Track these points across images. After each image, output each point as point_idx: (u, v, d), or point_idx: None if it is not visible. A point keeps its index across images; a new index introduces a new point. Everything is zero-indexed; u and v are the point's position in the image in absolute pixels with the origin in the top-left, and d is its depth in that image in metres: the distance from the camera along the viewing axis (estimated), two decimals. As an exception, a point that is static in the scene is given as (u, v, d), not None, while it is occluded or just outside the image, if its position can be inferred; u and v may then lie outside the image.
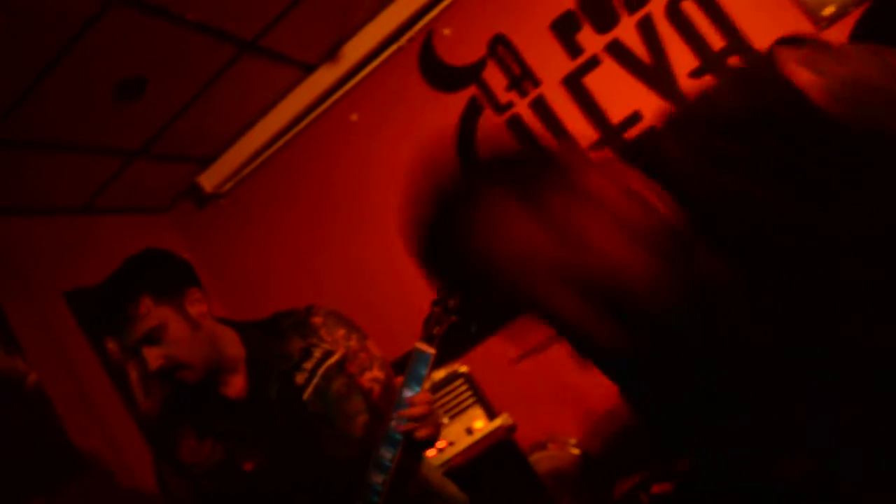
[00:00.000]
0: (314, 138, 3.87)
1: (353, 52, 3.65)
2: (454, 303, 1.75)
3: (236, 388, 1.93)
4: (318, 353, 1.93)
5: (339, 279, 3.78)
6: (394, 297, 3.63)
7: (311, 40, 3.49)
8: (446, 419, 3.05)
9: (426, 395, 1.74)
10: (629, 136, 3.38)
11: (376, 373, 1.97)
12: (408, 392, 1.74)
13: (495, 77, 3.61)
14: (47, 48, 2.47)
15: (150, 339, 1.78)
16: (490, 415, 3.07)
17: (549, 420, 3.36)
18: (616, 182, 0.95)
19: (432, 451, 2.94)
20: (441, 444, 3.01)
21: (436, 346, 1.75)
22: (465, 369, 3.16)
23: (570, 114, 3.48)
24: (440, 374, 3.13)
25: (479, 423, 3.04)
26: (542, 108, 3.53)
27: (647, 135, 1.00)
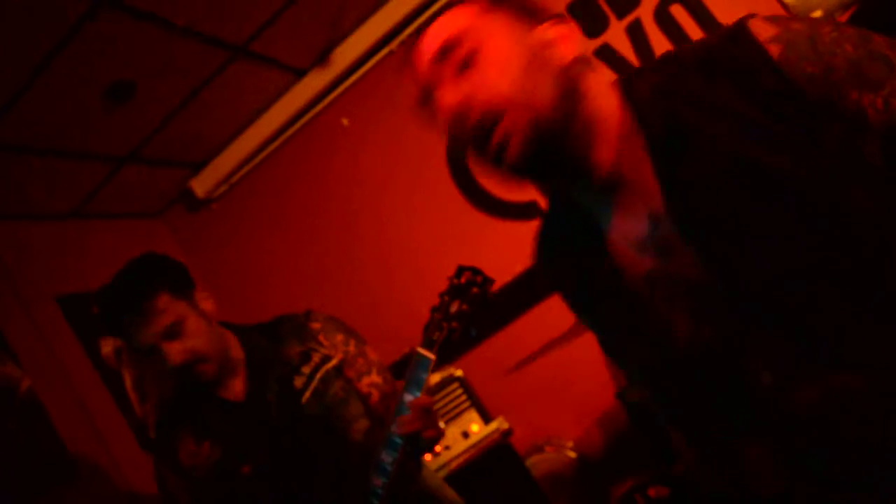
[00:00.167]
0: (306, 142, 3.87)
1: (343, 57, 3.66)
2: (455, 309, 1.76)
3: (235, 390, 1.94)
4: (316, 358, 1.93)
5: (333, 282, 3.79)
6: (387, 300, 3.65)
7: (302, 45, 3.49)
8: (442, 423, 3.06)
9: (427, 398, 1.75)
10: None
11: (374, 377, 1.97)
12: (408, 396, 1.74)
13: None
14: (36, 53, 2.46)
15: (170, 334, 1.79)
16: (485, 419, 3.08)
17: (546, 423, 3.37)
18: None
19: (429, 455, 2.95)
20: (437, 447, 3.01)
21: (436, 352, 1.76)
22: (459, 373, 3.16)
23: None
24: (435, 378, 3.13)
25: (475, 427, 3.05)
26: (533, 112, 3.54)
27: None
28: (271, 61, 3.41)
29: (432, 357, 1.75)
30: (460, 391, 3.13)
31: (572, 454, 3.19)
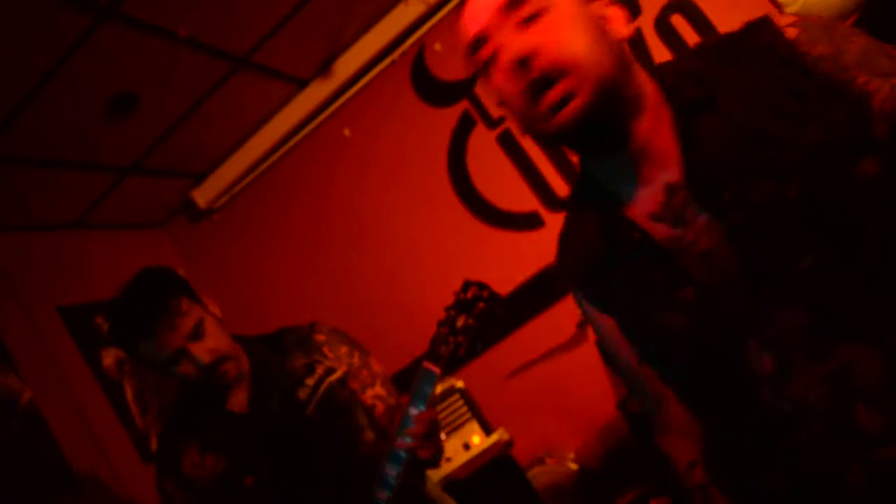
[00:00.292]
0: (308, 153, 3.88)
1: (345, 67, 3.67)
2: (461, 323, 1.77)
3: (239, 401, 1.94)
4: (320, 370, 1.93)
5: (335, 292, 3.79)
6: (388, 309, 3.65)
7: (303, 55, 3.50)
8: (443, 435, 3.05)
9: (432, 412, 1.75)
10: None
11: (378, 389, 1.97)
12: (413, 410, 1.74)
13: (487, 92, 3.62)
14: (39, 64, 2.47)
15: (195, 335, 1.81)
16: (487, 430, 3.07)
17: (547, 434, 3.36)
18: None
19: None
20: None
21: (442, 366, 1.76)
22: (461, 384, 3.16)
23: (561, 129, 3.50)
24: (436, 389, 3.12)
25: (476, 439, 3.04)
26: (535, 123, 3.55)
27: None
28: (273, 72, 3.42)
29: (438, 371, 1.76)
30: (461, 402, 3.13)
31: (573, 465, 3.18)
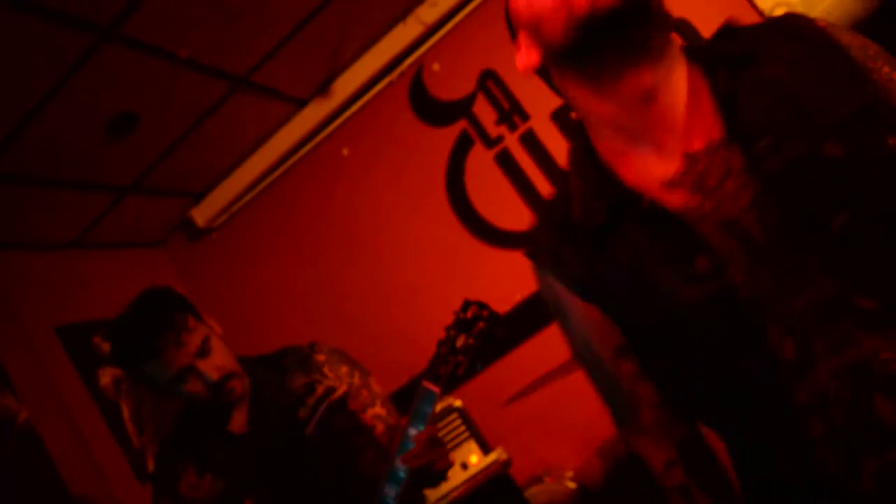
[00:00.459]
0: (306, 172, 3.89)
1: (344, 88, 3.69)
2: (461, 343, 1.77)
3: (238, 422, 1.93)
4: (320, 390, 1.93)
5: (333, 311, 3.79)
6: (387, 328, 3.65)
7: (302, 75, 3.52)
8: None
9: (433, 429, 1.75)
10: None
11: (378, 409, 1.97)
12: (412, 430, 1.74)
13: (485, 111, 3.66)
14: (41, 84, 2.48)
15: (202, 352, 1.81)
16: (485, 449, 3.05)
17: (545, 453, 3.35)
18: None
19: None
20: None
21: (441, 386, 1.76)
22: (459, 403, 3.15)
23: (559, 148, 3.52)
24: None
25: (474, 458, 3.03)
26: (532, 142, 3.57)
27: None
28: (272, 92, 3.44)
29: (437, 390, 1.75)
30: (459, 422, 3.11)
31: (572, 484, 3.16)
